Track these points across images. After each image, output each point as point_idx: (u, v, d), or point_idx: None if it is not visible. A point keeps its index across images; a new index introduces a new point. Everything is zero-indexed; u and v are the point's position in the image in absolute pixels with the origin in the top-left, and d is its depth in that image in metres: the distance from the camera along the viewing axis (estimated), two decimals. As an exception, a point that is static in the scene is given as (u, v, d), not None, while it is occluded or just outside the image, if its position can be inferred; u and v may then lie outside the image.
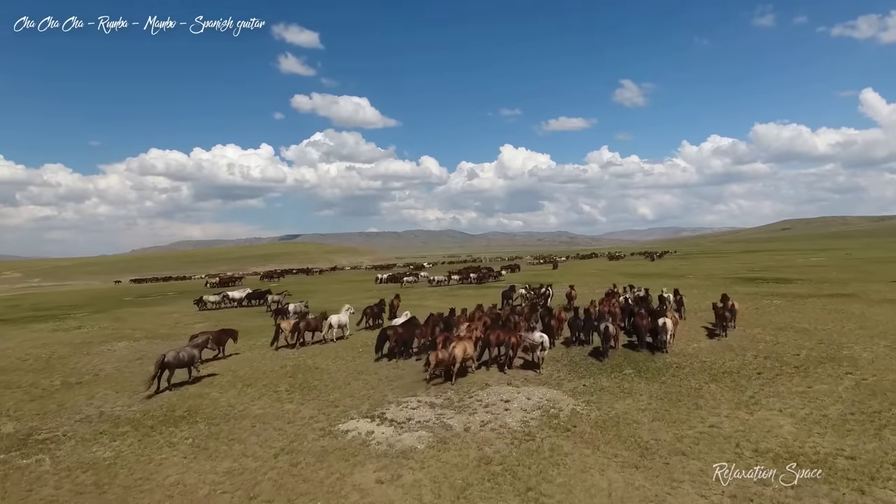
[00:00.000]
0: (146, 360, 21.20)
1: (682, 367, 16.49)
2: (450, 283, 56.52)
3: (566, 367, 17.05)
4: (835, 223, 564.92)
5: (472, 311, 23.47)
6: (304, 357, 20.18)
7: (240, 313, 36.69)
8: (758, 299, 32.00)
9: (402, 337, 19.37)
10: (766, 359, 17.07)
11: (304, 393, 15.31)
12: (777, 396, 13.18)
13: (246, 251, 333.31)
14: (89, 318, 37.73)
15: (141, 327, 31.35)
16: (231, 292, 43.69)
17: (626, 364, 17.11)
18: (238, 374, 17.95)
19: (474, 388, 15.01)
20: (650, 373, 15.93)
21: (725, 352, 18.29)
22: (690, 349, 18.93)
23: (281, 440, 11.53)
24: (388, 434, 11.58)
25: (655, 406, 12.80)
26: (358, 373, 17.49)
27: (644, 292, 28.34)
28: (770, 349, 18.39)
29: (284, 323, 22.85)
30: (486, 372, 16.79)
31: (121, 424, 13.04)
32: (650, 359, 17.67)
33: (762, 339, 20.24)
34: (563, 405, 13.10)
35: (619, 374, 16.01)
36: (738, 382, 14.52)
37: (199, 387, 16.54)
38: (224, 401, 14.85)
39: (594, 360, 17.84)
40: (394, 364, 18.49)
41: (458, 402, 13.70)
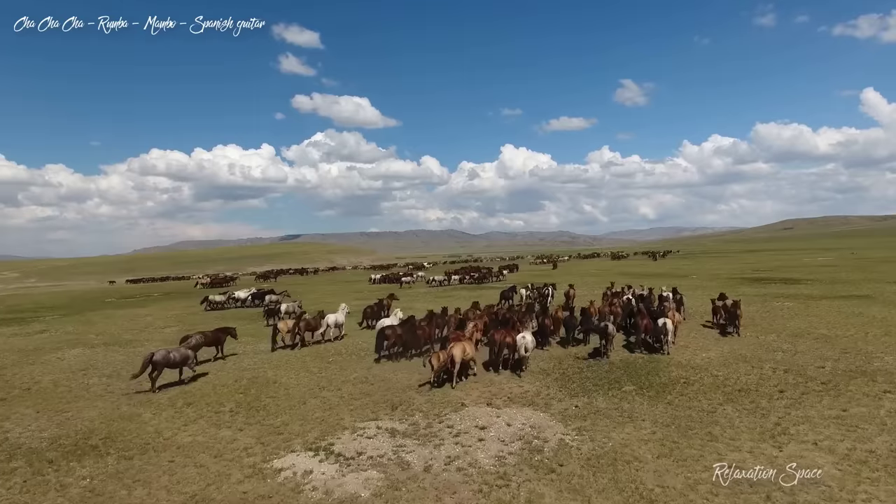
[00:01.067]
0: (92, 370, 19.06)
1: (691, 382, 14.25)
2: (450, 282, 54.82)
3: (557, 382, 14.81)
4: (837, 223, 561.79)
5: (467, 311, 22.60)
6: (265, 368, 17.97)
7: (231, 316, 34.49)
8: (767, 301, 29.81)
9: (401, 337, 18.61)
10: (786, 372, 14.82)
11: (249, 415, 13.08)
12: (808, 423, 10.92)
13: (246, 251, 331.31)
14: (57, 322, 35.58)
15: (106, 332, 29.17)
16: (238, 292, 42.59)
17: (626, 378, 14.87)
18: (185, 389, 15.76)
19: (448, 409, 12.78)
20: (654, 390, 13.68)
21: (739, 363, 16.04)
22: (699, 360, 16.70)
23: (196, 482, 9.28)
24: (330, 475, 9.32)
25: (661, 435, 10.55)
26: (320, 388, 15.28)
27: (648, 292, 27.29)
28: (789, 360, 16.15)
29: (282, 323, 21.70)
30: (464, 388, 14.58)
31: (16, 457, 10.80)
32: (653, 371, 15.43)
33: (779, 347, 18.00)
34: (550, 434, 10.85)
35: (617, 391, 13.77)
36: (759, 403, 12.26)
37: (133, 406, 14.34)
38: (153, 425, 12.62)
39: (589, 373, 15.61)
40: (363, 377, 16.30)
41: (425, 429, 11.46)
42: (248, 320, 30.40)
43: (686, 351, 17.94)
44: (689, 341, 19.54)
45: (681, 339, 19.89)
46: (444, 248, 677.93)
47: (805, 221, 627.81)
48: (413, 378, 15.92)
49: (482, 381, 15.16)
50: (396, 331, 18.77)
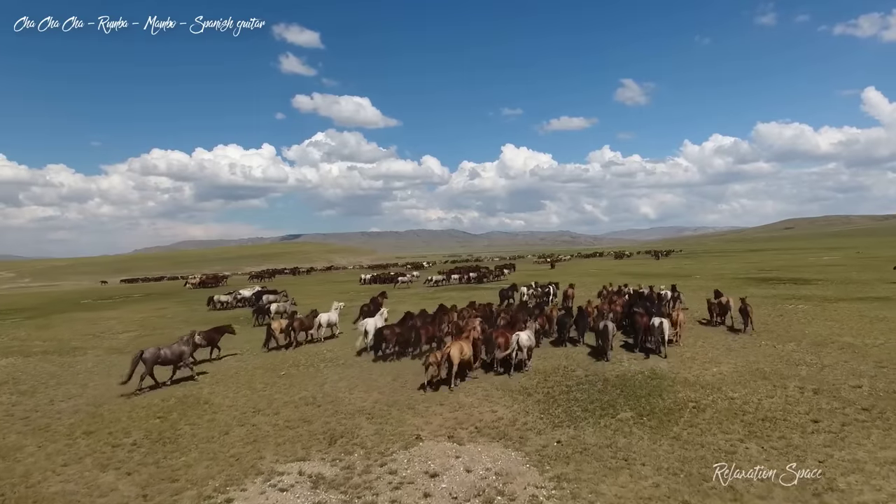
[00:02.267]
0: (7, 386, 16.60)
1: (702, 407, 11.63)
2: (449, 282, 53.25)
3: (539, 406, 12.20)
4: (838, 222, 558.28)
5: (462, 309, 21.98)
6: (200, 387, 15.35)
7: (224, 318, 31.91)
8: (778, 303, 27.23)
9: (400, 336, 17.88)
10: (816, 394, 12.21)
11: (151, 450, 10.49)
12: (860, 472, 8.30)
13: (245, 251, 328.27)
14: (12, 326, 33.06)
15: (55, 338, 26.63)
16: (243, 291, 42.19)
17: (623, 401, 12.26)
18: (95, 412, 13.17)
19: (397, 444, 10.18)
20: (656, 418, 11.06)
21: (758, 381, 13.43)
22: (710, 376, 14.10)
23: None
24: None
25: (666, 490, 7.94)
26: (254, 412, 12.69)
27: (647, 290, 26.84)
28: (817, 377, 13.54)
29: (275, 323, 21.07)
30: (426, 413, 11.99)
31: None
32: (656, 392, 12.81)
33: (801, 359, 15.41)
34: (519, 487, 8.23)
35: (611, 418, 11.16)
36: (789, 440, 9.65)
37: (22, 434, 11.78)
38: (28, 464, 10.05)
39: (578, 394, 12.98)
40: (310, 397, 13.72)
41: (361, 475, 8.86)
42: (233, 320, 27.81)
43: (693, 365, 15.34)
44: (696, 352, 16.96)
45: (687, 349, 17.33)
46: (445, 248, 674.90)
47: (806, 221, 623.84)
48: (370, 398, 13.37)
49: (448, 404, 12.55)
50: (395, 330, 18.01)
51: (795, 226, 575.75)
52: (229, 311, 35.39)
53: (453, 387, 13.67)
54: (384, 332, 17.88)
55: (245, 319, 28.65)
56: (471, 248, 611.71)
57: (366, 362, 17.52)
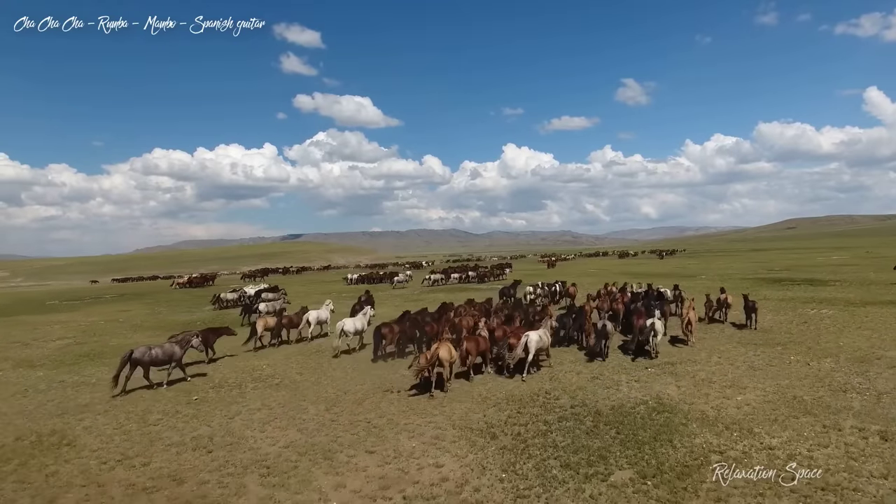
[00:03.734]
0: None
1: (729, 460, 8.26)
2: (448, 281, 51.35)
3: (502, 456, 8.79)
4: (841, 222, 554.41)
5: (459, 307, 21.32)
6: (82, 417, 12.01)
7: (170, 323, 28.63)
8: (797, 307, 23.87)
9: (399, 336, 17.42)
10: (884, 440, 8.84)
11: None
12: None
13: (245, 250, 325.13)
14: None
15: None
16: (246, 289, 41.97)
17: (618, 449, 8.88)
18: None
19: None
20: (666, 483, 7.68)
21: (800, 416, 10.09)
22: (734, 408, 10.73)
23: None
24: None
25: None
26: (119, 459, 9.35)
27: (647, 289, 25.76)
28: (878, 412, 10.17)
29: (260, 321, 20.30)
30: (346, 466, 8.66)
31: None
32: (663, 433, 9.43)
33: (847, 383, 12.07)
34: None
35: (601, 482, 7.79)
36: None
37: None
38: None
39: (558, 436, 9.61)
40: (206, 437, 10.38)
41: None
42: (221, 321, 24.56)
43: (711, 390, 11.97)
44: (711, 371, 13.63)
45: (700, 366, 14.01)
46: (447, 248, 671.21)
47: (808, 221, 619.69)
48: (283, 439, 10.08)
49: (380, 452, 9.20)
50: (393, 328, 17.43)
51: (798, 225, 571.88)
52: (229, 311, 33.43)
53: (445, 390, 12.91)
54: (382, 330, 17.11)
55: (233, 322, 25.86)
56: (472, 248, 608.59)
57: (305, 382, 14.28)
